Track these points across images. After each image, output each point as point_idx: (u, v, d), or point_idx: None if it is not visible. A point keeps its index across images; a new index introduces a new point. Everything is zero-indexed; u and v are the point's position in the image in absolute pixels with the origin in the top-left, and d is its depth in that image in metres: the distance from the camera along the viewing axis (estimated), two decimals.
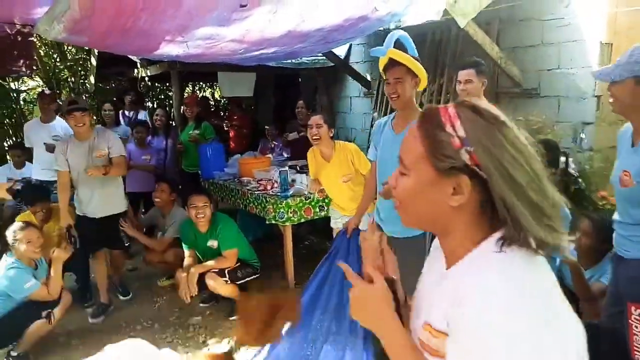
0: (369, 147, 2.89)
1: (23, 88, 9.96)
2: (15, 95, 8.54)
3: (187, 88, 10.58)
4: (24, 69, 6.06)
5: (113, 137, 3.79)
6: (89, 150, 3.60)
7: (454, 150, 0.77)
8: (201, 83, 11.46)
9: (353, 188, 3.36)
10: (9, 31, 4.53)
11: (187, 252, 3.88)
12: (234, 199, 4.62)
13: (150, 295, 4.20)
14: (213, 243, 3.75)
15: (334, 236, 3.60)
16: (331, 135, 3.35)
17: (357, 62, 6.06)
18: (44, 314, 3.10)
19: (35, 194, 4.06)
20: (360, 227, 2.81)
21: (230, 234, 3.77)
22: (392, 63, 2.42)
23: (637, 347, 1.99)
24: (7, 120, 8.45)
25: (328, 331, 2.51)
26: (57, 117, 4.83)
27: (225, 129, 7.01)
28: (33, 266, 3.22)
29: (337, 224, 3.56)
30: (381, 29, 4.07)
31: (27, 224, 3.23)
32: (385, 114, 5.57)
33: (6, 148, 6.76)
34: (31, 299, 3.12)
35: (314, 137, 3.32)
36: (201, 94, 11.66)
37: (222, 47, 3.58)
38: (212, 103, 10.78)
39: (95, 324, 3.70)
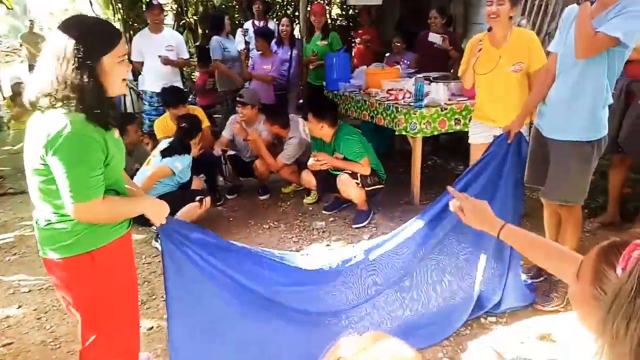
0: None
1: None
2: None
3: None
4: None
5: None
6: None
7: None
8: None
9: (521, 84, 2.87)
10: None
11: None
12: (360, 110, 4.43)
13: (275, 200, 4.31)
14: (338, 155, 3.70)
15: (472, 151, 3.21)
16: (512, 15, 2.80)
17: None
18: (197, 198, 3.41)
19: (175, 97, 4.22)
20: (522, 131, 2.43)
21: (354, 143, 3.66)
22: None
23: None
24: None
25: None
26: (166, 28, 4.97)
27: (352, 44, 6.71)
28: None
29: (478, 139, 3.10)
30: None
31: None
32: (534, 24, 4.84)
33: None
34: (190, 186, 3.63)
35: (492, 16, 2.76)
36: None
37: None
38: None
39: (228, 220, 3.91)
